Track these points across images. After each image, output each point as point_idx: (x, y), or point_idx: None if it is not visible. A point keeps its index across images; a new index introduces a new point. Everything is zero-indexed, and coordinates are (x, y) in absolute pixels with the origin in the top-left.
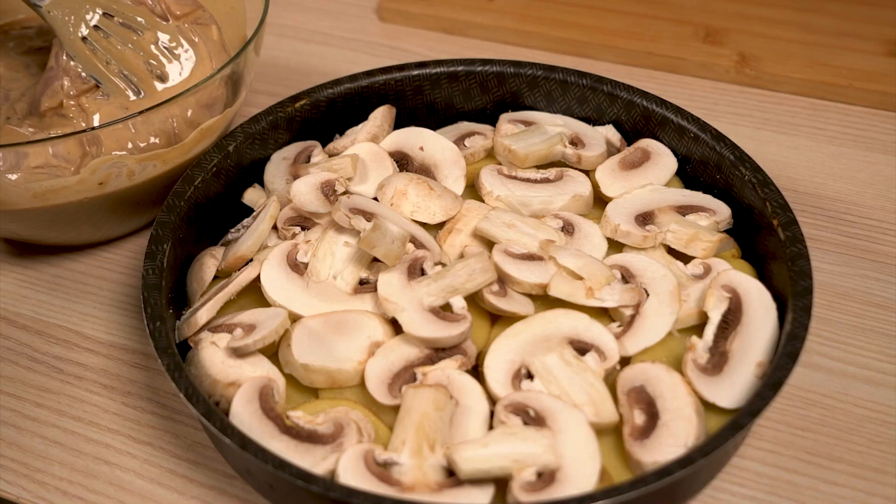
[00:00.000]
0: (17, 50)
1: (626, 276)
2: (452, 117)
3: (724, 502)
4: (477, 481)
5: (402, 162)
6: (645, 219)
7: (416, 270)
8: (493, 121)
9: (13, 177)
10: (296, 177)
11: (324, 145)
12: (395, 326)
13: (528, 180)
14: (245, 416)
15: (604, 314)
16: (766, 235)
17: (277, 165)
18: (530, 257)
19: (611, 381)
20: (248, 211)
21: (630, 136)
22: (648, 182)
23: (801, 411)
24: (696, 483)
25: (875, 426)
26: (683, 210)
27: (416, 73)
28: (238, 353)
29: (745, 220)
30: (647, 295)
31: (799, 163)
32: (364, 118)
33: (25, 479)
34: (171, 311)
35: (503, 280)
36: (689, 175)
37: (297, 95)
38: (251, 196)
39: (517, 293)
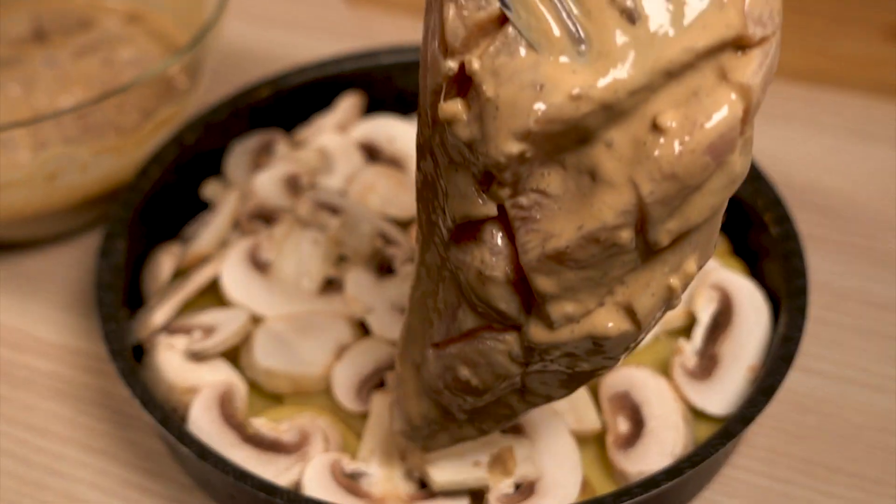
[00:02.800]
0: None
1: None
2: None
3: None
4: (451, 493)
5: (372, 153)
6: None
7: (385, 268)
8: None
9: None
10: (258, 169)
11: (288, 135)
12: (364, 328)
13: None
14: (204, 423)
15: None
16: (758, 232)
17: (239, 157)
18: None
19: (593, 386)
20: (207, 206)
21: None
22: None
23: (796, 418)
24: (685, 494)
25: (875, 434)
26: None
27: (386, 59)
28: (197, 356)
29: (735, 215)
30: None
31: (792, 155)
32: (331, 106)
33: None
34: (126, 311)
35: None
36: None
37: (261, 83)
38: (211, 190)
39: None
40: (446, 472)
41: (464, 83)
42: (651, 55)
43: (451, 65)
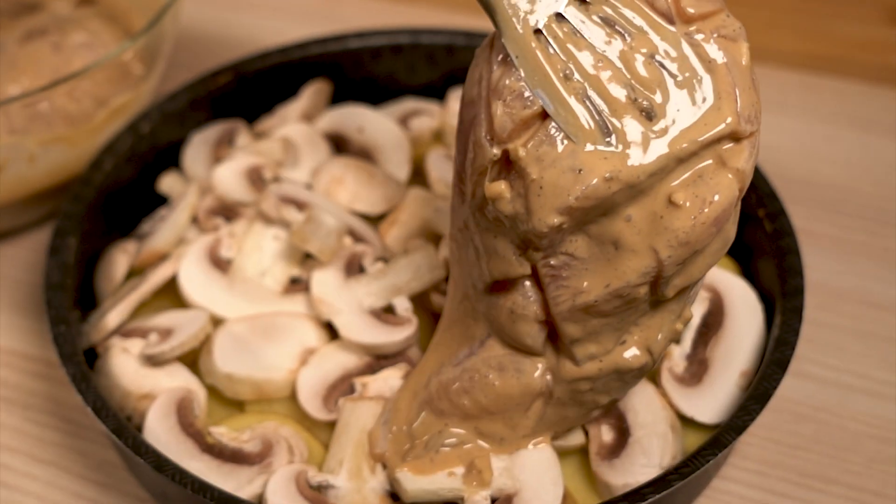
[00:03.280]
0: None
1: None
2: (396, 94)
3: None
4: None
5: (339, 144)
6: None
7: (354, 267)
8: (441, 98)
9: None
10: (218, 161)
11: (250, 125)
12: (331, 331)
13: None
14: (161, 432)
15: None
16: (751, 228)
17: (198, 148)
18: None
19: None
20: (164, 200)
21: None
22: None
23: (791, 427)
24: None
25: (875, 444)
26: None
27: (354, 44)
28: (153, 361)
29: None
30: None
31: (788, 146)
32: (295, 95)
33: None
34: (77, 313)
35: None
36: None
37: (221, 69)
38: (168, 183)
39: None
40: (418, 482)
41: (505, 165)
42: (665, 144)
43: (497, 151)
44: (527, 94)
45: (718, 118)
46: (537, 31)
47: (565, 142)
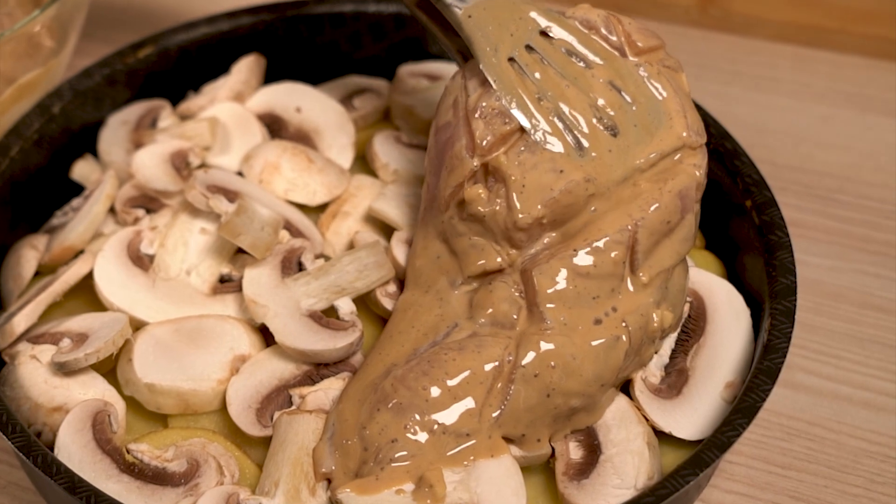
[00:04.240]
0: None
1: None
2: (338, 70)
3: None
4: None
5: (274, 127)
6: None
7: (291, 265)
8: (389, 74)
9: None
10: (139, 146)
11: (174, 105)
12: (266, 335)
13: None
14: (74, 449)
15: None
16: (736, 220)
17: (115, 131)
18: None
19: None
20: (78, 189)
21: None
22: None
23: (781, 444)
24: None
25: (875, 462)
26: None
27: (291, 13)
28: (65, 369)
29: (710, 200)
30: None
31: (778, 127)
32: (225, 71)
33: None
34: None
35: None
36: None
37: (141, 42)
38: (82, 170)
39: None
40: (361, 501)
41: (483, 175)
42: (629, 157)
43: (476, 163)
44: (505, 112)
45: (672, 133)
46: (510, 60)
47: (544, 150)
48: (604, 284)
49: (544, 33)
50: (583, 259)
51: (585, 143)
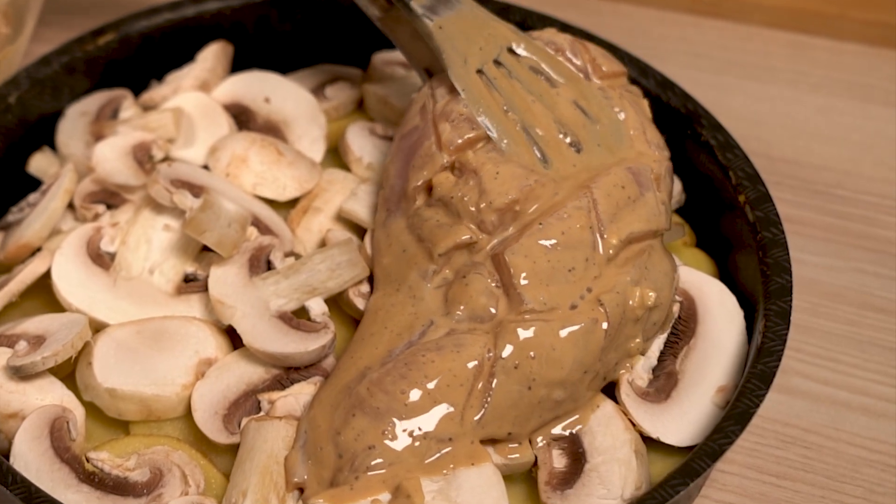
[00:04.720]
0: None
1: None
2: (310, 57)
3: None
4: None
5: (242, 118)
6: None
7: (259, 263)
8: (363, 62)
9: None
10: (99, 138)
11: (137, 95)
12: (233, 338)
13: None
14: (31, 458)
15: None
16: (729, 216)
17: (74, 123)
18: None
19: None
20: (34, 183)
21: None
22: None
23: (776, 452)
24: None
25: (874, 471)
26: None
27: None
28: (21, 373)
29: (701, 195)
30: None
31: (773, 118)
32: (190, 59)
33: None
34: None
35: None
36: None
37: (101, 29)
38: (39, 163)
39: None
40: None
41: (451, 170)
42: (591, 171)
43: (447, 158)
44: (472, 119)
45: (632, 150)
46: (479, 72)
47: (511, 158)
48: (577, 254)
49: (512, 50)
50: (550, 230)
51: (550, 157)
